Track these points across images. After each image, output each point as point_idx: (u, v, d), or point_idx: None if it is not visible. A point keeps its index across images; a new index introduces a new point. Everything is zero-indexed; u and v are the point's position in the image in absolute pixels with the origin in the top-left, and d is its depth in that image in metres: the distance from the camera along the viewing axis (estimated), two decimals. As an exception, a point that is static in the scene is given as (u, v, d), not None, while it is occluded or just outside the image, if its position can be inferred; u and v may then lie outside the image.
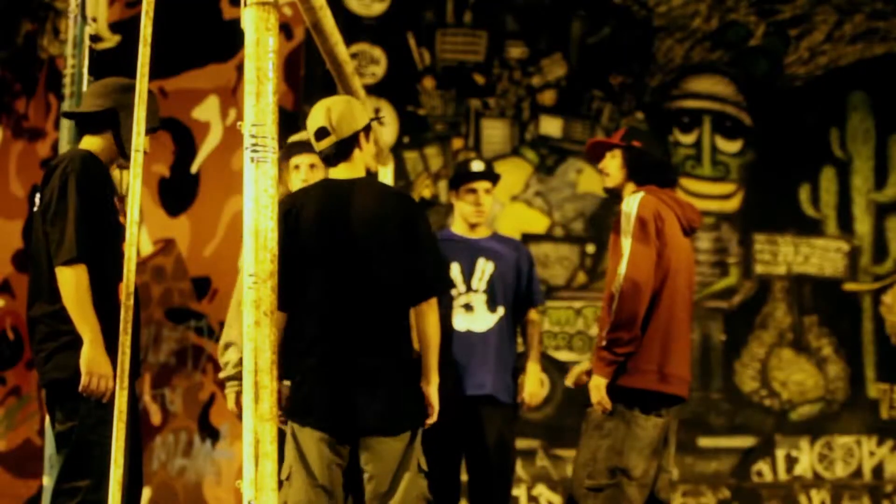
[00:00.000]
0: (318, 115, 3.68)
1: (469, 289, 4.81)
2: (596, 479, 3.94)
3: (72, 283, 3.31)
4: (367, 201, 3.63)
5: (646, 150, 4.20)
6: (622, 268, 3.94)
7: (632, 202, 4.03)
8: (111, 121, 3.56)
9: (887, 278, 7.28)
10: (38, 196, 3.53)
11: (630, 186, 4.17)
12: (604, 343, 3.95)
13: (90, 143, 3.60)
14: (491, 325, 4.78)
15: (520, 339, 4.96)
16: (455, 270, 4.81)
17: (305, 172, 4.25)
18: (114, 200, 3.54)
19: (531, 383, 4.85)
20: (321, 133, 3.65)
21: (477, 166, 4.89)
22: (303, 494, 3.51)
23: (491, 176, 4.89)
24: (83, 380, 3.30)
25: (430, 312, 3.66)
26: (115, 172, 3.74)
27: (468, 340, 4.75)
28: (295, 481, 3.52)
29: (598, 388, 3.97)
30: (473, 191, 4.84)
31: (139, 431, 3.67)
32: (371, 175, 3.88)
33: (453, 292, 4.78)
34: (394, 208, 3.66)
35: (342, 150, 3.68)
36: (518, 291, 4.88)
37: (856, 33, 7.42)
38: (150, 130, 3.53)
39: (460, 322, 4.78)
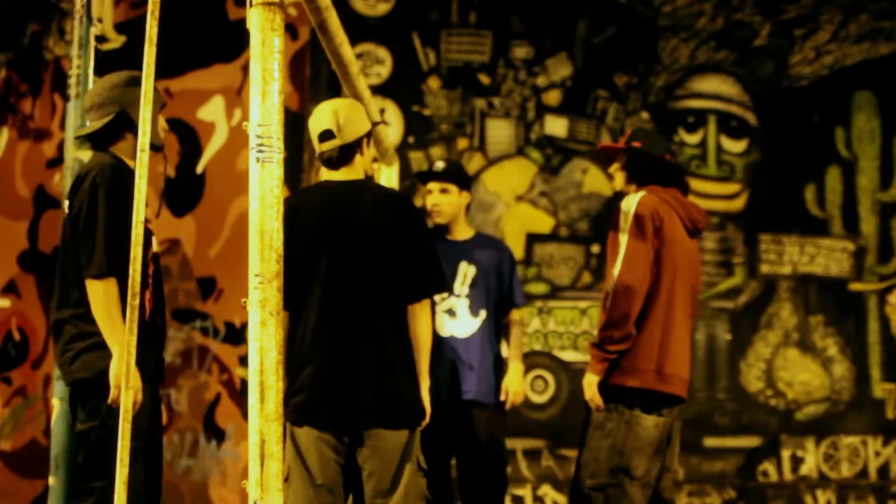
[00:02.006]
0: (324, 116, 3.68)
1: (451, 293, 4.81)
2: (597, 478, 3.95)
3: (101, 296, 3.35)
4: (364, 202, 3.65)
5: (646, 149, 4.19)
6: (616, 266, 3.95)
7: (631, 200, 4.04)
8: (126, 123, 3.56)
9: (893, 278, 7.27)
10: (65, 202, 3.56)
11: (633, 188, 4.18)
12: (595, 340, 3.98)
13: (115, 148, 3.61)
14: (474, 330, 4.80)
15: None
16: None
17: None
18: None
19: (513, 382, 4.87)
20: (326, 135, 3.65)
21: (437, 165, 4.94)
22: (302, 494, 3.51)
23: (447, 176, 4.87)
24: (112, 392, 3.32)
25: (422, 314, 3.68)
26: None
27: (451, 345, 4.76)
28: (294, 481, 3.52)
29: (590, 384, 3.98)
30: (430, 191, 4.89)
31: (160, 434, 3.72)
32: (368, 177, 3.90)
33: (436, 297, 4.77)
34: (390, 209, 3.68)
35: (345, 155, 3.69)
36: (500, 293, 4.90)
37: (861, 33, 7.40)
38: (154, 148, 3.55)
39: (443, 327, 4.78)
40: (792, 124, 7.33)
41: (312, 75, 7.17)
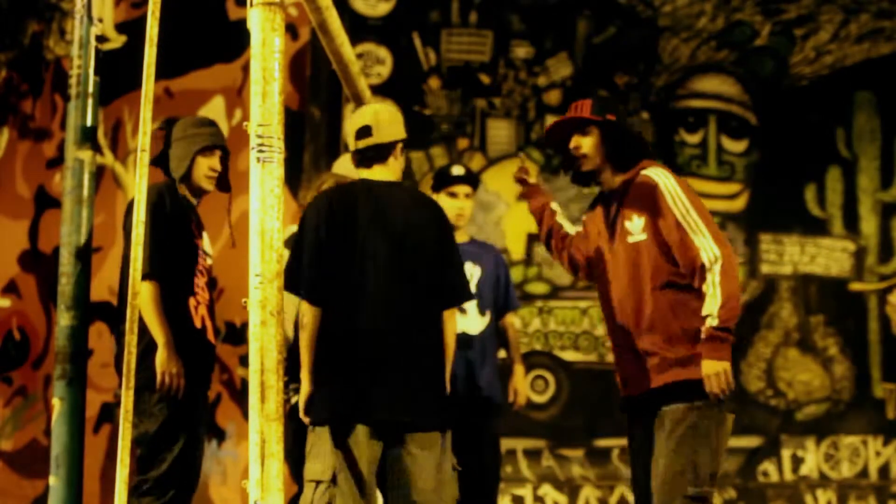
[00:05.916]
0: (365, 115, 3.75)
1: None
2: (700, 486, 3.42)
3: (144, 295, 3.73)
4: (408, 205, 3.70)
5: (622, 125, 3.84)
6: (707, 239, 3.46)
7: (660, 175, 3.61)
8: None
9: (893, 278, 7.27)
10: None
11: (608, 168, 3.76)
12: (716, 322, 3.38)
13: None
14: (482, 328, 4.91)
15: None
16: None
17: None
18: (191, 226, 4.04)
19: (521, 384, 5.00)
20: (364, 131, 3.70)
21: (457, 171, 5.02)
22: (350, 496, 3.43)
23: (471, 180, 5.01)
24: (158, 378, 3.75)
25: (450, 321, 3.73)
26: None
27: (463, 342, 4.80)
28: (343, 483, 3.44)
29: (725, 371, 3.40)
30: (454, 194, 4.95)
31: (202, 435, 4.10)
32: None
33: None
34: (431, 216, 3.74)
35: (380, 153, 3.73)
36: (497, 297, 5.01)
37: (861, 33, 7.40)
38: (218, 148, 4.18)
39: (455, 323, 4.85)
40: (792, 124, 7.34)
41: (312, 75, 7.17)
